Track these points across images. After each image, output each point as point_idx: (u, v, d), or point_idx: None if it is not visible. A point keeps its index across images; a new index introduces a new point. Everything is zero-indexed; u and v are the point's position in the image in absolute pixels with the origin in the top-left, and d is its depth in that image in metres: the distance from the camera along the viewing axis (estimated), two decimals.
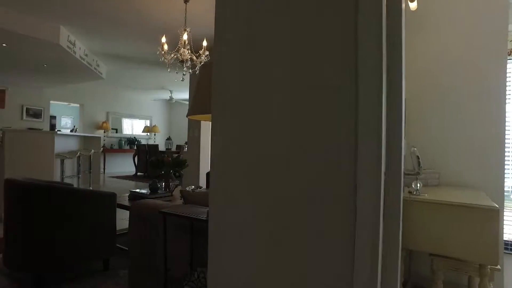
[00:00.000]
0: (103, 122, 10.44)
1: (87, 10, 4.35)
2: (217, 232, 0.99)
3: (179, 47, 3.64)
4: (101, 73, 7.05)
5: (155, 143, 10.27)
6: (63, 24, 4.86)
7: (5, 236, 2.55)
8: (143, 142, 11.45)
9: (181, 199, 2.51)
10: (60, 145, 5.02)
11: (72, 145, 6.06)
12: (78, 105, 10.46)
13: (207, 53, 3.71)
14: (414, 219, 1.68)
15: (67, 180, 5.58)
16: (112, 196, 2.71)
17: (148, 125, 12.01)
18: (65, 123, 13.37)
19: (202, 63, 3.59)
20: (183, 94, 10.62)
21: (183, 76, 3.65)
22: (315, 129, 0.81)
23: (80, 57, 5.74)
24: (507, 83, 2.42)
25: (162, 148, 10.30)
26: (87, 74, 6.89)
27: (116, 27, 4.88)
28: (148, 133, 11.88)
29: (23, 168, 4.39)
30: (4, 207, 2.58)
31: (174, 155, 3.88)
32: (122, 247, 3.23)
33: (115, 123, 11.01)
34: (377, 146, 0.73)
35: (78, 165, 5.91)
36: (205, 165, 5.82)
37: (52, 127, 10.31)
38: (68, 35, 5.17)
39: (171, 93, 10.03)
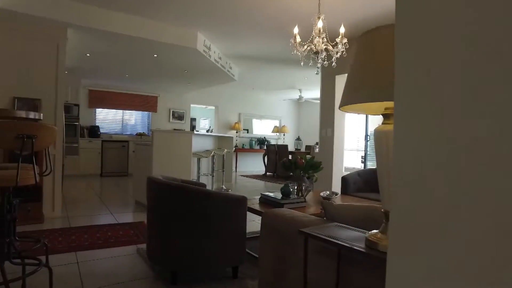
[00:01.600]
0: (235, 123, 10.98)
1: (223, 14, 4.42)
2: (408, 274, 0.53)
3: (313, 36, 3.27)
4: (234, 75, 7.29)
5: (284, 143, 10.24)
6: (200, 30, 5.09)
7: (148, 228, 2.64)
8: (273, 142, 11.61)
9: (321, 210, 2.10)
10: (197, 145, 5.29)
11: (208, 144, 6.39)
12: (213, 107, 11.29)
13: (345, 40, 3.23)
14: None
15: (202, 178, 5.88)
16: (242, 200, 2.50)
17: (278, 125, 12.13)
18: (204, 125, 14.71)
19: (364, 32, 3.13)
20: (312, 93, 10.30)
21: (318, 70, 3.27)
22: None
23: (215, 60, 5.98)
24: None
25: (291, 148, 10.21)
26: (221, 77, 7.21)
27: (249, 27, 4.85)
28: (278, 133, 12.00)
29: (166, 165, 4.74)
30: (147, 199, 2.68)
31: (307, 156, 3.51)
32: (252, 253, 3.03)
33: (246, 124, 11.47)
34: None
35: (213, 163, 6.18)
36: (338, 168, 5.32)
37: (192, 128, 11.39)
38: (204, 40, 5.41)
39: (300, 92, 9.83)
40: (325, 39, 3.24)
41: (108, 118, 9.39)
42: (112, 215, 4.44)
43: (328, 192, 3.62)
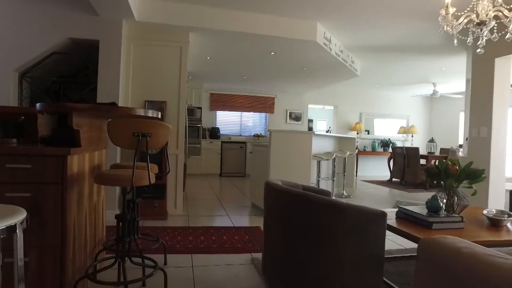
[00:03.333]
0: (356, 123, 10.12)
1: (345, 0, 3.88)
2: None
3: (475, 2, 2.45)
4: (356, 70, 6.58)
5: (413, 146, 8.94)
6: (319, 20, 4.62)
7: (265, 239, 2.33)
8: (399, 144, 10.33)
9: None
10: (317, 146, 4.83)
11: (327, 146, 5.87)
12: (331, 108, 10.66)
13: None
14: None
15: (322, 183, 5.38)
16: (381, 216, 1.93)
17: (404, 125, 10.74)
18: (321, 126, 14.18)
19: None
20: (449, 87, 8.73)
21: (481, 47, 2.43)
22: None
23: (336, 53, 5.42)
24: None
25: (422, 151, 8.82)
26: (343, 72, 6.59)
27: (375, 12, 4.16)
28: (404, 134, 10.62)
29: (284, 167, 4.41)
30: (264, 205, 2.36)
31: (446, 160, 2.71)
32: (389, 283, 2.41)
33: (367, 124, 10.49)
34: None
35: (333, 167, 5.62)
36: (498, 178, 4.15)
37: (310, 129, 10.98)
38: (324, 32, 4.92)
39: (434, 86, 8.42)
40: (492, 4, 2.39)
41: (228, 120, 9.74)
42: (229, 217, 4.34)
43: (494, 211, 2.72)
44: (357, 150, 7.26)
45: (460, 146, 6.61)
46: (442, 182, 2.68)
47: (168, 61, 4.43)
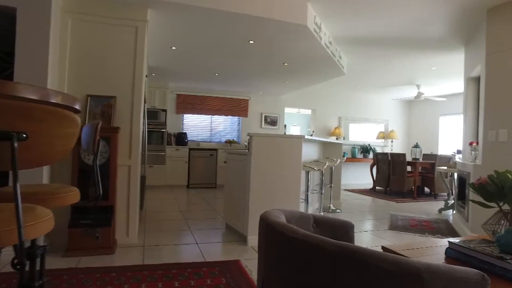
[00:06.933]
0: (335, 128, 9.44)
1: None
2: None
3: None
4: (343, 67, 5.84)
5: (400, 152, 8.34)
6: (310, 0, 3.80)
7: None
8: (378, 150, 9.77)
9: None
10: (303, 154, 3.95)
11: (313, 153, 5.04)
12: (307, 112, 9.95)
13: None
14: None
15: (311, 197, 4.53)
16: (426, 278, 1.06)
17: (383, 130, 10.22)
18: (295, 132, 13.47)
19: None
20: (434, 89, 8.25)
21: None
22: None
23: (325, 44, 4.62)
24: None
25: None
26: (329, 69, 5.82)
27: None
28: (383, 140, 10.08)
29: (268, 180, 3.51)
30: (259, 247, 1.43)
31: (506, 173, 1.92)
32: None
33: (344, 129, 9.84)
34: None
35: (322, 177, 4.79)
36: None
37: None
38: (315, 16, 4.10)
39: (418, 88, 7.89)
40: None
41: (196, 124, 8.70)
42: (198, 246, 3.35)
43: None
44: (345, 158, 6.50)
45: (458, 151, 6.02)
46: (508, 205, 1.89)
47: (120, 45, 3.41)
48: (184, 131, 8.34)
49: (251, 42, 4.55)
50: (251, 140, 3.48)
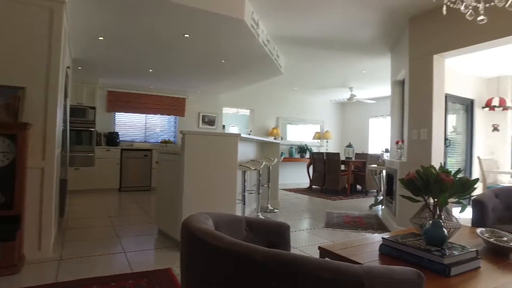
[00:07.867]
0: (273, 128, 9.53)
1: None
2: None
3: None
4: (281, 66, 5.86)
5: (334, 151, 8.65)
6: None
7: None
8: (314, 149, 10.07)
9: None
10: (240, 153, 3.83)
11: (250, 153, 4.96)
12: (245, 112, 9.91)
13: None
14: None
15: (248, 197, 4.42)
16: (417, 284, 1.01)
17: (319, 130, 10.56)
18: (233, 132, 13.35)
19: None
20: (365, 92, 8.71)
21: (483, 18, 1.79)
22: None
23: (263, 42, 4.57)
24: None
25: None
26: (266, 68, 5.79)
27: None
28: (319, 140, 10.42)
29: (203, 181, 3.33)
30: (182, 259, 1.25)
31: (429, 168, 2.00)
32: None
33: (281, 130, 9.99)
34: None
35: (259, 177, 4.72)
36: None
37: None
38: (252, 12, 4.02)
39: (351, 90, 8.27)
40: None
41: (129, 124, 8.15)
42: (125, 255, 3.05)
43: (483, 231, 2.12)
44: (282, 157, 6.53)
45: (386, 150, 6.38)
46: (432, 198, 1.95)
47: (31, 28, 2.96)
48: (116, 131, 7.76)
49: (186, 36, 4.32)
50: (184, 138, 3.26)
